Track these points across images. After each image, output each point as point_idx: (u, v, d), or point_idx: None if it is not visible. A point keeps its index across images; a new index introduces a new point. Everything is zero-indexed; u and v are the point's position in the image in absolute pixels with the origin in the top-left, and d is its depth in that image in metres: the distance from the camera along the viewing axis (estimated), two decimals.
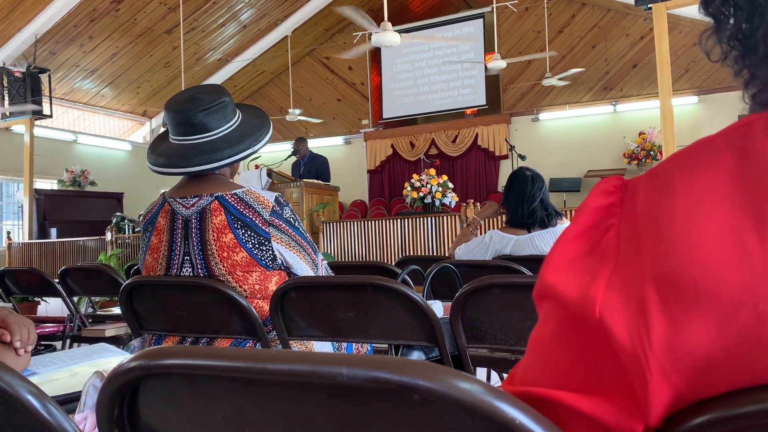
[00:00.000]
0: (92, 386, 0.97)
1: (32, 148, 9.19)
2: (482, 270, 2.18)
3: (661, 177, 0.45)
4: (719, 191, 0.40)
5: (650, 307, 0.39)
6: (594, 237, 0.46)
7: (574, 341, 0.44)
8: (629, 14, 10.35)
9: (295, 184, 7.16)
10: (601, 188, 0.48)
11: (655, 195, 0.44)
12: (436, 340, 1.51)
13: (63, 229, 9.40)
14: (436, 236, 6.42)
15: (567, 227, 0.49)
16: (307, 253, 1.69)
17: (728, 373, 0.37)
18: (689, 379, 0.38)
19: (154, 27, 10.02)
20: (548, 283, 0.46)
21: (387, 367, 0.37)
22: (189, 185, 1.69)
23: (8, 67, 8.79)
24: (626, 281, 0.41)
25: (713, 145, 0.43)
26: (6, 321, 1.15)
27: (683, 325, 0.38)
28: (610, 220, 0.46)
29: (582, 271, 0.45)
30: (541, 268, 0.48)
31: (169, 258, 1.68)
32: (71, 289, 3.16)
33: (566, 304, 0.44)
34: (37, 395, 0.51)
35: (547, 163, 10.52)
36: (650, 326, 0.39)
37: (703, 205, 0.40)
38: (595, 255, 0.45)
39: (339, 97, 12.77)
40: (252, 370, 0.42)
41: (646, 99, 10.21)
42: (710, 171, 0.41)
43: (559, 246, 0.48)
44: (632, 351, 0.39)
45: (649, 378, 0.38)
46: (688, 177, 0.42)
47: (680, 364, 0.38)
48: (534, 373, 0.47)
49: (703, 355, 0.37)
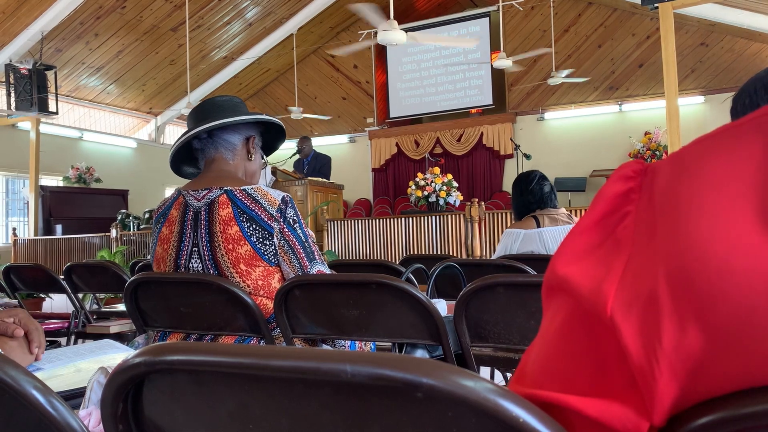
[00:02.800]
0: (97, 382, 0.97)
1: (38, 145, 9.23)
2: (486, 269, 2.18)
3: (683, 162, 0.42)
4: (743, 182, 0.38)
5: (662, 305, 0.38)
6: (609, 225, 0.45)
7: (581, 335, 0.43)
8: (636, 13, 10.32)
9: (299, 182, 7.17)
10: (620, 173, 0.46)
11: (675, 180, 0.42)
12: (439, 339, 1.51)
13: (68, 225, 9.44)
14: (440, 235, 6.41)
15: (582, 216, 0.47)
16: (297, 259, 1.66)
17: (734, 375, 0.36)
18: (695, 378, 0.37)
19: (159, 24, 10.03)
20: (560, 275, 0.45)
21: (391, 365, 0.37)
22: (202, 179, 1.74)
23: (15, 64, 8.82)
24: (640, 274, 0.40)
25: (741, 131, 0.40)
26: (27, 325, 1.16)
27: (693, 326, 0.37)
28: (628, 207, 0.44)
29: (596, 262, 0.43)
30: (552, 260, 0.47)
31: (178, 249, 1.70)
32: (76, 285, 3.17)
33: (578, 296, 0.43)
34: (42, 390, 0.51)
35: (553, 163, 10.51)
36: (661, 325, 0.38)
37: (724, 197, 0.38)
38: (609, 244, 0.44)
39: (344, 96, 12.77)
40: (256, 366, 0.42)
41: (652, 99, 10.18)
42: (735, 159, 0.39)
43: (572, 237, 0.47)
44: (642, 353, 0.38)
45: (658, 378, 0.38)
46: (711, 163, 0.40)
47: (688, 363, 0.37)
48: (541, 375, 0.46)
49: (711, 356, 0.37)
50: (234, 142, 1.77)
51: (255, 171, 1.84)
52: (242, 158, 1.79)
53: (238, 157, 1.78)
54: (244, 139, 1.79)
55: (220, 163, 1.76)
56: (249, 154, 1.80)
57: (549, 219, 2.79)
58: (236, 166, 1.77)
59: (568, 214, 2.85)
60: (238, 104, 1.81)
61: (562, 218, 2.80)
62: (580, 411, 0.41)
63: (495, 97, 11.39)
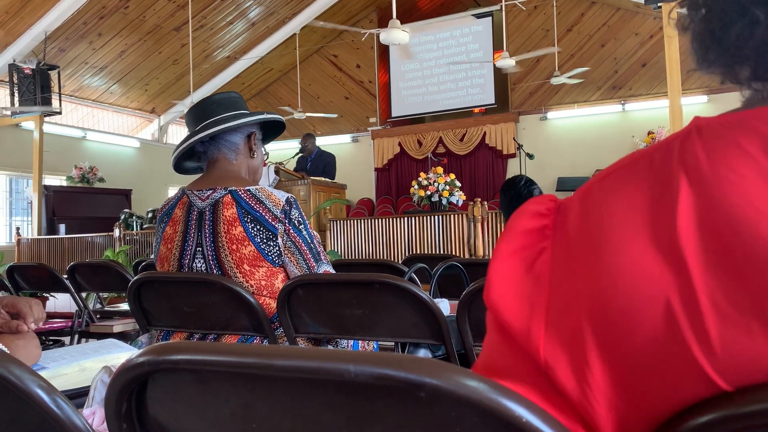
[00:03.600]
0: (101, 381, 0.98)
1: (41, 144, 9.24)
2: None
3: (588, 199, 0.45)
4: (636, 222, 0.40)
5: (586, 342, 0.40)
6: (529, 257, 0.46)
7: (521, 360, 0.44)
8: (639, 13, 10.30)
9: (302, 181, 7.15)
10: (532, 210, 0.48)
11: (584, 218, 0.44)
12: (442, 339, 1.51)
13: (71, 225, 9.45)
14: (442, 235, 6.41)
15: (498, 244, 0.48)
16: (303, 259, 1.67)
17: (655, 397, 0.38)
18: (631, 403, 0.39)
19: (162, 24, 10.05)
20: (492, 301, 0.46)
21: (394, 365, 0.37)
22: (206, 179, 1.75)
23: (18, 63, 8.84)
24: (563, 314, 0.42)
25: (636, 167, 0.43)
26: (16, 305, 1.18)
27: (617, 358, 0.39)
28: (543, 243, 0.46)
29: (521, 294, 0.45)
30: (486, 283, 0.48)
31: (182, 249, 1.71)
32: (79, 285, 3.18)
33: (509, 330, 0.45)
34: (47, 389, 0.52)
35: (555, 163, 10.50)
36: (589, 361, 0.40)
37: (624, 235, 0.40)
38: (531, 277, 0.45)
39: (347, 95, 12.77)
40: (260, 366, 0.42)
41: (655, 98, 10.16)
42: (629, 198, 0.41)
43: (496, 262, 0.47)
44: (578, 389, 0.40)
45: (597, 409, 0.40)
46: (611, 202, 0.42)
47: (619, 393, 0.39)
48: (485, 368, 0.47)
49: (637, 381, 0.39)
50: (236, 142, 1.78)
51: (258, 167, 1.85)
52: (245, 156, 1.80)
53: (240, 156, 1.79)
54: (246, 137, 1.80)
55: (223, 163, 1.77)
56: (251, 152, 1.81)
57: None
58: (239, 165, 1.79)
59: None
60: (237, 100, 1.81)
61: None
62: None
63: (498, 96, 11.37)
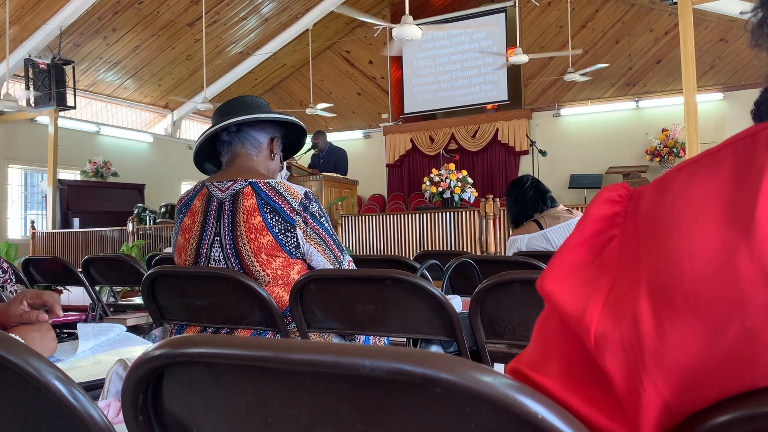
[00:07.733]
0: (115, 374, 0.99)
1: (56, 138, 9.32)
2: (501, 265, 2.17)
3: (665, 186, 0.44)
4: (715, 203, 0.40)
5: (643, 323, 0.39)
6: (597, 246, 0.46)
7: (576, 346, 0.44)
8: (654, 9, 10.22)
9: (314, 177, 7.16)
10: (605, 196, 0.48)
11: (657, 203, 0.44)
12: (454, 335, 1.51)
13: (85, 219, 9.53)
14: (454, 231, 6.40)
15: (572, 233, 0.49)
16: (329, 249, 1.72)
17: (719, 386, 0.37)
18: (680, 392, 0.38)
19: (176, 20, 10.09)
20: (548, 292, 0.46)
21: (410, 360, 0.37)
22: (227, 172, 1.80)
23: (34, 58, 8.92)
24: (623, 296, 0.42)
25: (719, 155, 0.43)
26: (41, 296, 1.21)
27: (674, 340, 0.38)
28: (613, 230, 0.46)
29: (583, 281, 0.45)
30: (543, 273, 0.48)
31: (200, 238, 1.74)
32: (93, 278, 3.21)
33: (563, 313, 0.45)
34: (64, 381, 0.52)
35: (568, 159, 10.45)
36: (643, 345, 0.39)
37: (699, 217, 0.40)
38: (597, 265, 0.45)
39: (359, 91, 12.77)
40: (275, 359, 0.42)
41: (670, 95, 10.08)
42: (710, 182, 0.41)
43: (562, 253, 0.48)
44: (626, 377, 0.40)
45: (642, 394, 0.39)
46: (689, 187, 0.42)
47: (671, 379, 0.38)
48: (536, 359, 0.47)
49: (694, 369, 0.38)
50: (260, 140, 1.84)
51: (275, 171, 1.91)
52: (265, 156, 1.86)
53: (261, 155, 1.85)
54: (269, 139, 1.86)
55: (244, 158, 1.82)
56: (272, 154, 1.87)
57: (550, 218, 2.82)
58: (259, 163, 1.84)
59: (566, 209, 2.89)
60: (264, 106, 1.87)
61: (562, 215, 2.83)
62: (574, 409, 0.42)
63: (510, 92, 11.33)
